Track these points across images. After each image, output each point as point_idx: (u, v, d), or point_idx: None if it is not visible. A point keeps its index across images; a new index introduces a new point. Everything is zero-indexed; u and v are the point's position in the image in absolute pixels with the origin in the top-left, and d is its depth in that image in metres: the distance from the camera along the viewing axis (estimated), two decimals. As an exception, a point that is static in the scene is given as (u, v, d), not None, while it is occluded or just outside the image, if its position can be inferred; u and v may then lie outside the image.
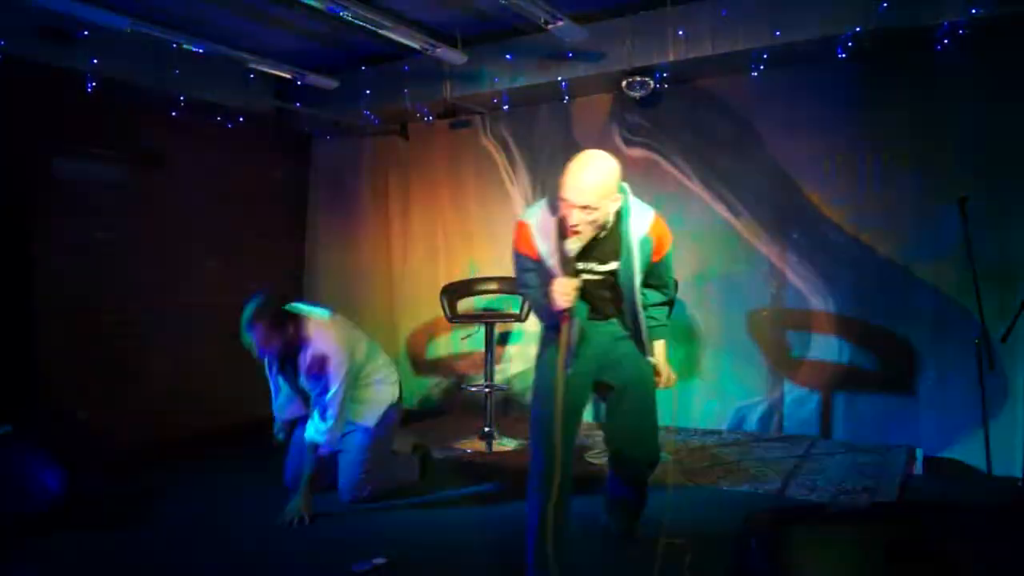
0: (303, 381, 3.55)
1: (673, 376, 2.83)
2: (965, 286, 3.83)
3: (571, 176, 2.43)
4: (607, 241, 2.54)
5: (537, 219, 2.58)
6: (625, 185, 2.54)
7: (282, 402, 3.78)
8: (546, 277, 2.52)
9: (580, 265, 2.51)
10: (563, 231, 2.47)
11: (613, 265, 2.57)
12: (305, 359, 3.47)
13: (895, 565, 2.47)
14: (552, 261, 2.53)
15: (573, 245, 2.44)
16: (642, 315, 2.63)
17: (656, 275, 2.67)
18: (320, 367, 3.45)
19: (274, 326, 3.38)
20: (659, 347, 2.75)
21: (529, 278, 2.63)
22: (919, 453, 4.16)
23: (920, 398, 4.32)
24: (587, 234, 2.45)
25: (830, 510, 3.39)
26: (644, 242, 2.54)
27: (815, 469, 4.00)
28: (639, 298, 2.60)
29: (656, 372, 2.76)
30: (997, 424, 3.89)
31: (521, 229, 2.59)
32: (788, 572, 2.46)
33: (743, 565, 2.64)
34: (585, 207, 2.39)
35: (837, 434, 4.56)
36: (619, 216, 2.53)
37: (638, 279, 2.57)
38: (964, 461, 4.09)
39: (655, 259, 2.59)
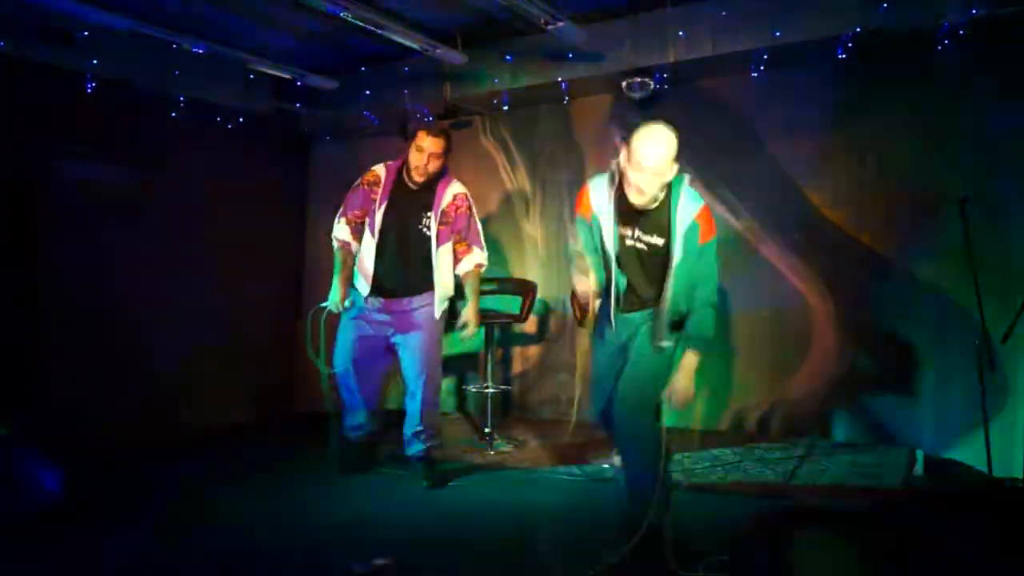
0: (427, 221, 3.80)
1: (684, 392, 2.88)
2: (965, 286, 3.83)
3: (645, 144, 2.75)
4: (656, 215, 2.86)
5: (595, 183, 3.00)
6: (686, 174, 2.89)
7: (366, 253, 3.85)
8: (598, 233, 2.94)
9: (628, 231, 2.90)
10: (621, 193, 2.88)
11: (658, 240, 2.87)
12: (444, 199, 3.82)
13: (895, 565, 2.47)
14: (603, 217, 2.93)
15: (635, 199, 2.81)
16: (668, 301, 2.85)
17: (698, 271, 2.84)
18: (462, 210, 3.86)
19: (449, 149, 3.79)
20: (685, 360, 2.88)
21: (576, 246, 3.01)
22: (919, 453, 4.16)
23: (920, 398, 4.32)
24: (649, 195, 2.79)
25: (830, 510, 3.39)
26: (692, 227, 2.80)
27: (815, 469, 4.00)
28: (672, 280, 2.83)
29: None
30: (997, 424, 3.88)
31: (581, 191, 3.02)
32: (789, 572, 2.46)
33: (744, 565, 2.64)
34: (656, 172, 2.75)
35: (837, 434, 4.56)
36: (670, 196, 2.84)
37: (677, 258, 2.82)
38: (964, 461, 4.08)
39: (701, 242, 2.82)
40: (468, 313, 3.82)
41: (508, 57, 4.92)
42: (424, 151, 3.70)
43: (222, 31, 4.56)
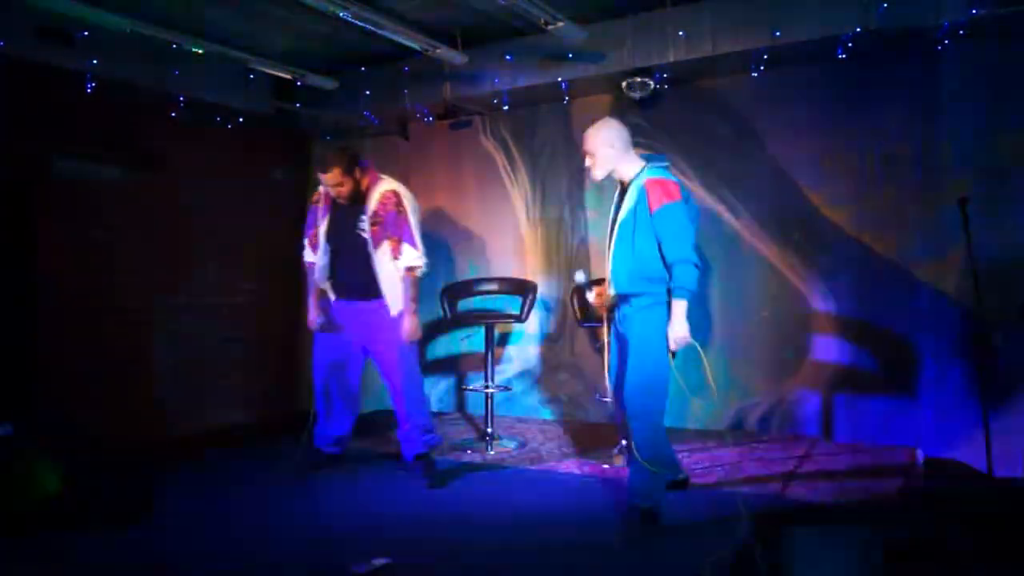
0: (362, 225, 3.82)
1: (680, 336, 3.12)
2: (965, 286, 3.83)
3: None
4: (628, 194, 3.23)
5: None
6: (664, 160, 3.30)
7: (322, 265, 3.95)
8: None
9: (617, 212, 3.30)
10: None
11: (624, 215, 3.22)
12: (372, 201, 3.82)
13: (895, 565, 2.47)
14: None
15: (594, 175, 3.32)
16: (635, 263, 3.16)
17: (661, 231, 3.10)
18: (389, 208, 3.80)
19: (349, 169, 3.77)
20: (674, 308, 3.13)
21: None
22: (919, 453, 4.16)
23: (920, 398, 4.32)
24: (597, 171, 3.29)
25: (830, 510, 3.39)
26: (640, 192, 3.15)
27: (815, 469, 4.00)
28: (634, 242, 3.15)
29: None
30: (997, 424, 3.88)
31: None
32: (789, 572, 2.46)
33: (744, 565, 2.64)
34: (586, 152, 3.29)
35: (837, 434, 4.56)
36: (637, 175, 3.21)
37: (627, 218, 3.17)
38: (964, 461, 4.09)
39: (653, 207, 3.10)
40: (404, 324, 3.84)
41: (508, 57, 4.92)
42: (329, 185, 3.79)
43: (222, 31, 4.56)
